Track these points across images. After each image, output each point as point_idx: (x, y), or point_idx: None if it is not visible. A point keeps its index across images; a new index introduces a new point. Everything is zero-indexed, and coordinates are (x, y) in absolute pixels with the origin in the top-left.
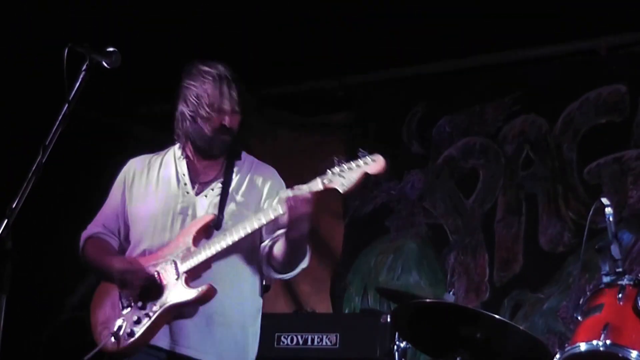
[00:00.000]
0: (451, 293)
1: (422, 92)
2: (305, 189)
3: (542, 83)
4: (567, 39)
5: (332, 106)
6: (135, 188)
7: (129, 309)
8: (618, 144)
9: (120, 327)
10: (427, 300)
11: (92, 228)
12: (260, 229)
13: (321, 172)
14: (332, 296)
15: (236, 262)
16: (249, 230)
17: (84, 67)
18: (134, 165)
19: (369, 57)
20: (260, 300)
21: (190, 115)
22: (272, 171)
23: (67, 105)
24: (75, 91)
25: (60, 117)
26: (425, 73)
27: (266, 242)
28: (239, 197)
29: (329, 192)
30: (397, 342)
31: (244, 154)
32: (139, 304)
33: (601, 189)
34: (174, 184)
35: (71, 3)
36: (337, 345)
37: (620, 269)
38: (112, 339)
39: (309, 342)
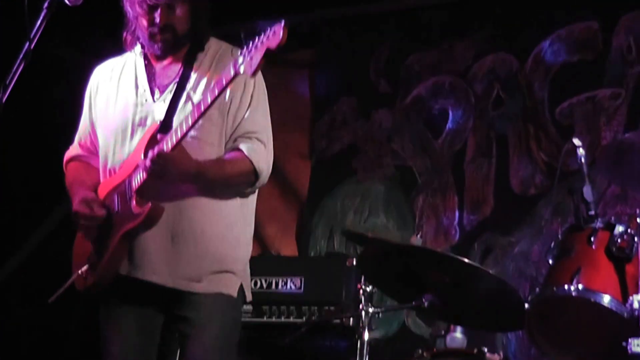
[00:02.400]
0: (419, 236)
1: (389, 29)
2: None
3: (512, 19)
4: None
5: (296, 43)
6: (99, 99)
7: (96, 241)
8: (590, 82)
9: (87, 262)
10: (394, 242)
11: (72, 150)
12: (223, 120)
13: (234, 57)
14: (298, 239)
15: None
16: (190, 122)
17: (46, 4)
18: (98, 73)
19: None
20: (240, 201)
21: (131, 15)
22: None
23: (27, 44)
24: (37, 29)
25: (20, 56)
26: (393, 9)
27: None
28: (197, 96)
29: (292, 132)
30: (362, 286)
31: (209, 43)
32: (101, 235)
33: (573, 130)
34: (132, 92)
35: None
36: (302, 289)
37: (592, 212)
38: (81, 274)
39: (273, 286)
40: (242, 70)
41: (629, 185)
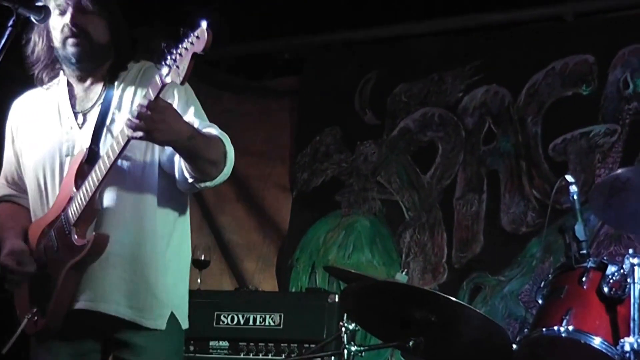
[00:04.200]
0: (404, 273)
1: (376, 58)
2: (150, 93)
3: (505, 51)
4: (531, 4)
5: (278, 70)
6: (21, 134)
7: (40, 283)
8: (585, 118)
9: (36, 306)
10: (379, 279)
11: (2, 188)
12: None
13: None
14: (278, 274)
15: (132, 191)
16: (112, 156)
17: (11, 22)
18: (18, 108)
19: (319, 18)
20: (170, 226)
21: (41, 35)
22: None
23: None
24: (2, 47)
25: None
26: (380, 37)
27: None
28: (122, 115)
29: (273, 163)
30: (345, 324)
31: (132, 63)
32: (46, 274)
33: (567, 166)
34: (55, 121)
35: None
36: (281, 326)
37: (584, 251)
38: (30, 318)
39: (251, 322)
40: (169, 79)
41: (622, 225)
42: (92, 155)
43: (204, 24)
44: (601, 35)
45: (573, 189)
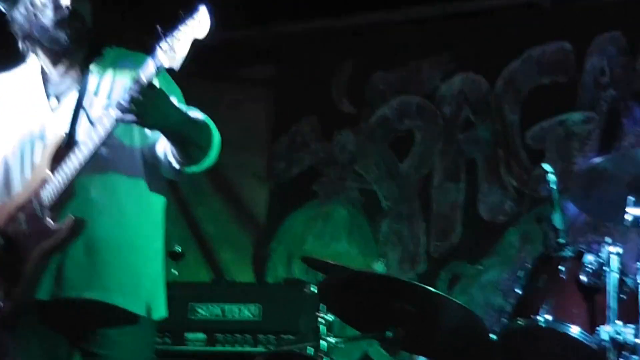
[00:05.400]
0: (381, 263)
1: (353, 46)
2: (142, 77)
3: (482, 39)
4: None
5: (254, 59)
6: None
7: (5, 268)
8: (563, 106)
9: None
10: (356, 270)
11: None
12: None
13: (150, 51)
14: (255, 265)
15: (110, 176)
16: (97, 141)
17: None
18: None
19: (296, 6)
20: (156, 214)
21: (25, 10)
22: (142, 59)
23: None
24: None
25: None
26: (357, 25)
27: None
28: (101, 100)
29: (249, 153)
30: (322, 315)
31: (108, 49)
32: (12, 258)
33: (544, 155)
34: (27, 104)
35: None
36: (259, 317)
37: (562, 240)
38: None
39: (228, 314)
40: (165, 64)
41: (600, 214)
42: (68, 140)
43: (203, 9)
44: (578, 23)
45: (551, 177)
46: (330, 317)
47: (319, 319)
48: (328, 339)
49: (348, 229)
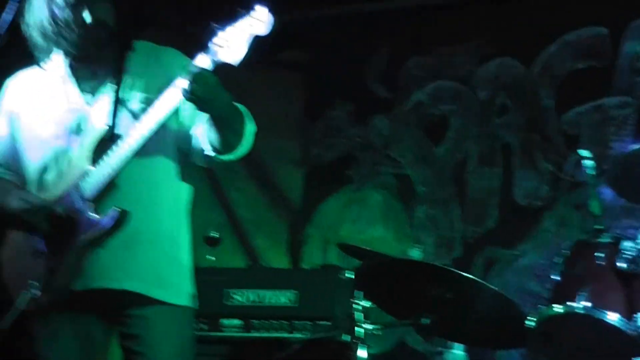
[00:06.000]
0: (418, 249)
1: (387, 31)
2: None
3: (517, 23)
4: None
5: (288, 43)
6: (23, 113)
7: (40, 256)
8: (599, 91)
9: (34, 281)
10: (392, 257)
11: None
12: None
13: (203, 46)
14: (290, 251)
15: (146, 167)
16: (146, 133)
17: None
18: (15, 86)
19: None
20: (186, 203)
21: (49, 19)
22: (175, 53)
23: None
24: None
25: None
26: (391, 9)
27: (192, 121)
28: (138, 94)
29: (284, 138)
30: (359, 301)
31: (140, 44)
32: (49, 248)
33: (580, 140)
34: (61, 99)
35: None
36: (295, 303)
37: (599, 226)
38: (29, 295)
39: (264, 300)
40: (225, 59)
41: (638, 198)
42: (110, 134)
43: (263, 7)
44: (614, 8)
45: (587, 163)
46: (366, 303)
47: (355, 306)
48: (364, 325)
49: (383, 213)
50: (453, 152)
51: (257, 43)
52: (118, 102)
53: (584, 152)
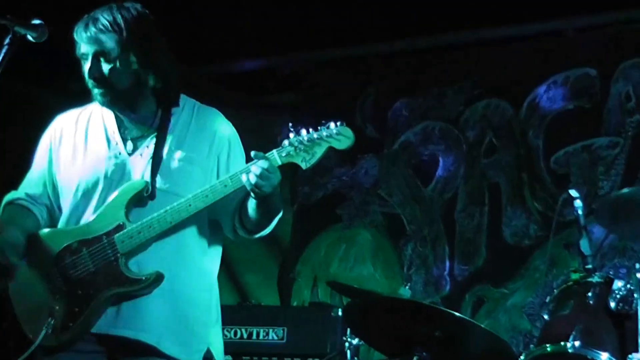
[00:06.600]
0: (407, 287)
1: (376, 73)
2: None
3: (506, 66)
4: (532, 19)
5: (277, 85)
6: (63, 150)
7: (60, 296)
8: (587, 131)
9: (54, 318)
10: (381, 295)
11: (14, 193)
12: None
13: (275, 144)
14: (280, 288)
15: (178, 230)
16: (199, 205)
17: (8, 40)
18: (61, 123)
19: (320, 34)
20: (213, 266)
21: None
22: (217, 115)
23: None
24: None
25: None
26: (380, 53)
27: (233, 201)
28: (179, 153)
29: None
30: (348, 339)
31: (182, 98)
32: (72, 289)
33: (569, 179)
34: (102, 144)
35: None
36: (284, 340)
37: (590, 266)
38: (48, 331)
39: (254, 336)
40: (296, 160)
41: (628, 237)
42: (150, 189)
43: (347, 128)
44: (602, 49)
45: (577, 203)
46: (356, 341)
47: (345, 343)
48: None
49: (372, 252)
50: (442, 192)
51: (248, 84)
52: (160, 158)
53: (574, 193)
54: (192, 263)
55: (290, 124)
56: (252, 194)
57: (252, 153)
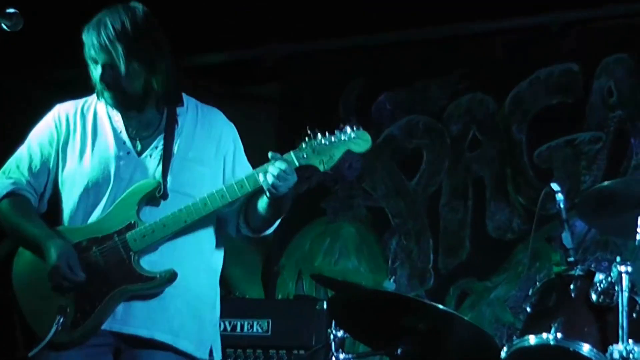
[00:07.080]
0: (391, 280)
1: (360, 66)
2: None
3: (490, 60)
4: (516, 13)
5: (260, 77)
6: (69, 145)
7: (71, 293)
8: (570, 126)
9: (64, 316)
10: (365, 288)
11: (14, 179)
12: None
13: (292, 145)
14: (264, 281)
15: (189, 228)
16: (210, 206)
17: None
18: (63, 114)
19: (303, 25)
20: (219, 264)
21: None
22: (220, 115)
23: None
24: None
25: None
26: (364, 45)
27: (241, 201)
28: (189, 153)
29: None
30: (333, 331)
31: (185, 98)
32: (82, 287)
33: (552, 173)
34: (111, 142)
35: None
36: (269, 332)
37: (572, 259)
38: (58, 329)
39: (239, 329)
40: (314, 163)
41: (609, 231)
42: (162, 189)
43: (366, 132)
44: (585, 45)
45: (559, 197)
46: (340, 333)
47: (330, 335)
48: (339, 355)
49: (357, 245)
50: (426, 185)
51: (231, 76)
52: (170, 158)
53: (556, 187)
54: (203, 262)
55: (307, 127)
56: (267, 193)
57: (270, 154)
